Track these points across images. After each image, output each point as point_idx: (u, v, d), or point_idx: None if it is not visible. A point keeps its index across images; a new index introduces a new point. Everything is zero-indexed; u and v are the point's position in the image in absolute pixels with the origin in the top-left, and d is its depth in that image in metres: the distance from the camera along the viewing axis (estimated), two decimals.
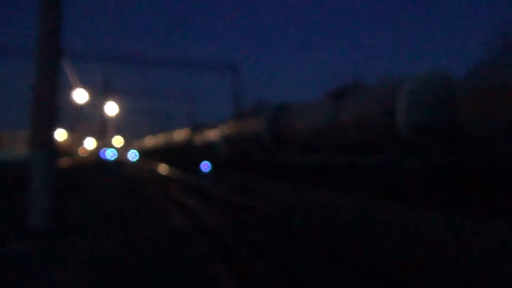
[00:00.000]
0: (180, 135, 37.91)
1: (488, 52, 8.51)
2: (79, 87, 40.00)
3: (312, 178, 14.48)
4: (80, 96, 42.63)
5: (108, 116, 37.71)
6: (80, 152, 78.70)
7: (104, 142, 35.99)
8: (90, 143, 71.90)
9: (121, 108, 59.39)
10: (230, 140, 23.23)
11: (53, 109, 6.29)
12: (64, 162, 33.63)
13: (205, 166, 23.65)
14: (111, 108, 37.69)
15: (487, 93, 7.95)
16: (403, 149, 10.28)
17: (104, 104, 31.06)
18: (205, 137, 28.83)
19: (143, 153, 64.69)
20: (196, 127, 32.70)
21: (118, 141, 66.37)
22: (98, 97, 39.90)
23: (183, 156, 35.05)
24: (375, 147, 11.11)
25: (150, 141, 60.04)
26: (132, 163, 49.34)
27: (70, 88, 40.79)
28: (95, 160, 35.34)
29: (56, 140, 6.59)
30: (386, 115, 10.30)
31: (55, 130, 6.40)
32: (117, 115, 64.24)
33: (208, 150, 27.51)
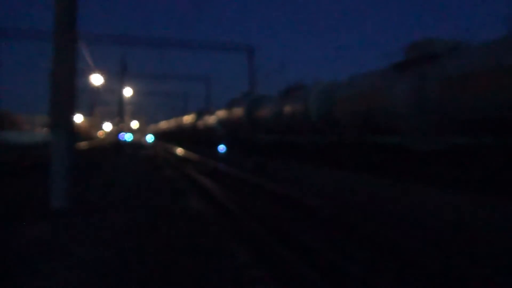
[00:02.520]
0: (188, 119, 44.07)
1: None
2: (96, 71, 41.98)
3: (273, 152, 20.34)
4: (97, 80, 45.01)
5: (125, 100, 38.13)
6: (99, 135, 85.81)
7: (121, 126, 36.97)
8: (108, 127, 78.32)
9: (138, 91, 61.74)
10: (223, 124, 29.21)
11: (71, 92, 6.41)
12: (83, 144, 36.06)
13: (222, 148, 26.17)
14: (128, 92, 37.66)
15: (349, 98, 13.63)
16: (316, 130, 16.05)
17: (121, 88, 31.24)
18: (206, 121, 34.90)
19: (158, 136, 71.35)
20: (200, 113, 38.78)
21: (135, 125, 73.09)
22: (115, 80, 38.49)
23: (190, 137, 41.34)
24: (302, 130, 16.91)
25: (164, 125, 66.68)
26: (149, 144, 55.76)
27: (88, 72, 42.51)
28: (114, 142, 36.73)
29: (75, 122, 6.68)
30: (303, 112, 16.08)
31: (74, 113, 6.51)
32: (134, 100, 67.38)
33: (208, 131, 33.61)
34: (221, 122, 29.76)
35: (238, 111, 25.45)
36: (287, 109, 18.24)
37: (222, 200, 8.18)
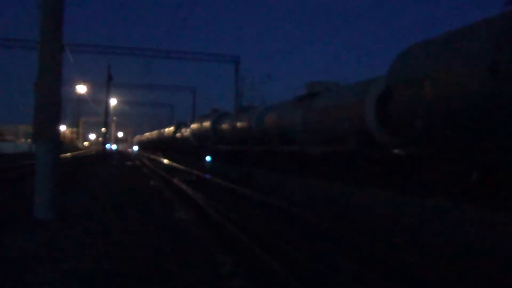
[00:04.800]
0: (168, 131, 49.02)
1: None
2: (81, 81, 39.91)
3: (232, 159, 25.41)
4: (81, 89, 42.83)
5: (111, 111, 39.38)
6: (85, 145, 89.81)
7: (107, 136, 37.42)
8: (93, 137, 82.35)
9: (124, 102, 63.69)
10: (195, 135, 34.26)
11: (57, 102, 6.31)
12: (68, 155, 35.80)
13: (207, 159, 27.51)
14: (112, 102, 38.23)
15: (271, 118, 18.76)
16: (256, 141, 21.15)
17: (107, 98, 31.39)
18: (183, 133, 39.93)
19: (143, 145, 76.08)
20: (178, 125, 43.80)
21: (121, 135, 77.63)
22: (101, 90, 38.73)
23: (170, 146, 46.34)
24: (247, 140, 22.05)
25: (148, 136, 71.54)
26: (134, 154, 60.31)
27: (73, 82, 40.89)
28: (99, 152, 36.98)
29: (60, 132, 6.66)
30: (248, 127, 21.25)
31: (59, 123, 6.44)
32: (120, 110, 69.25)
33: (185, 142, 38.63)
34: (193, 134, 34.82)
35: (207, 125, 30.55)
36: (239, 124, 23.39)
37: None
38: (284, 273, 4.50)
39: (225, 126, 26.58)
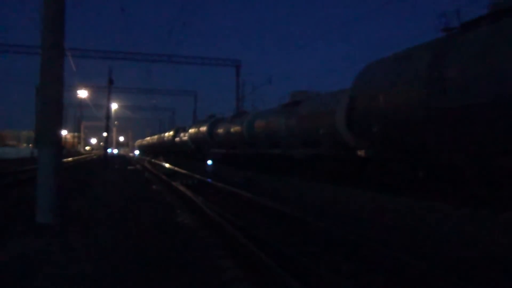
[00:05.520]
0: (168, 135, 50.70)
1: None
2: (83, 86, 40.62)
3: (227, 161, 27.03)
4: (83, 94, 43.84)
5: (112, 115, 39.68)
6: (86, 149, 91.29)
7: (109, 141, 37.11)
8: (94, 142, 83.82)
9: (125, 106, 64.22)
10: (192, 139, 35.91)
11: (59, 107, 6.38)
12: (70, 159, 36.76)
13: (209, 163, 28.65)
14: (113, 106, 38.49)
15: (260, 124, 20.38)
16: (247, 145, 22.78)
17: (108, 103, 31.71)
18: (181, 137, 41.59)
19: (144, 149, 77.77)
20: (177, 130, 45.48)
21: (122, 139, 79.24)
22: (102, 95, 39.00)
23: (169, 150, 48.02)
24: (240, 144, 23.68)
25: (149, 140, 73.28)
26: (135, 158, 61.95)
27: (75, 87, 42.06)
28: (101, 157, 37.59)
29: (62, 137, 6.66)
30: (241, 132, 22.89)
31: (61, 127, 6.47)
32: (122, 115, 69.45)
33: (183, 146, 40.28)
34: (191, 138, 36.47)
35: (203, 129, 32.20)
36: (233, 129, 25.03)
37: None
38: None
39: (220, 130, 28.22)
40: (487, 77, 7.49)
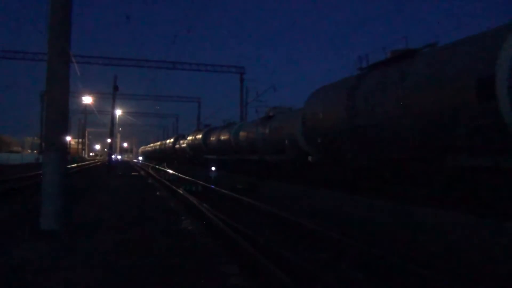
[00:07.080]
0: (169, 142, 54.27)
1: None
2: (87, 92, 41.17)
3: (219, 166, 30.39)
4: (87, 101, 44.05)
5: (116, 122, 39.00)
6: (91, 156, 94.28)
7: (113, 147, 37.57)
8: (99, 148, 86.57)
9: (129, 113, 65.79)
10: (190, 146, 39.40)
11: (64, 114, 6.43)
12: (74, 165, 36.90)
13: (213, 169, 29.84)
14: (118, 112, 38.68)
15: (243, 133, 23.79)
16: (234, 151, 26.16)
17: (112, 109, 31.67)
18: (181, 144, 45.14)
19: (147, 155, 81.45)
20: (177, 137, 49.08)
21: (126, 146, 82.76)
22: (107, 101, 39.51)
23: (170, 156, 51.59)
24: (229, 152, 27.06)
25: (152, 147, 77.06)
26: (139, 165, 65.40)
27: (79, 94, 42.07)
28: (105, 163, 37.55)
29: (67, 143, 6.67)
30: (229, 140, 26.31)
31: (66, 134, 6.51)
32: (126, 122, 70.79)
33: (182, 152, 43.81)
34: (189, 145, 39.98)
35: (199, 137, 35.69)
36: (223, 137, 28.46)
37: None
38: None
39: (212, 139, 31.70)
40: (373, 108, 10.90)
